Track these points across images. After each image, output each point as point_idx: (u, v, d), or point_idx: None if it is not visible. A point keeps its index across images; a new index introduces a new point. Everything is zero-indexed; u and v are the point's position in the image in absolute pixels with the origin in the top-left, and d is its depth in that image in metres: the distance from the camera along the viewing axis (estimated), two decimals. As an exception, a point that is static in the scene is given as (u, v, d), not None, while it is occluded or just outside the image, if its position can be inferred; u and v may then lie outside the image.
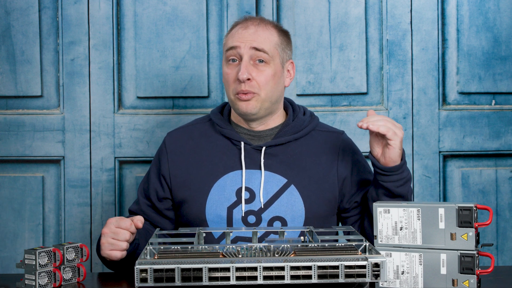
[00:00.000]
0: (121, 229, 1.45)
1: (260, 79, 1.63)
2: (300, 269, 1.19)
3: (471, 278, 1.24)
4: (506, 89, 2.24)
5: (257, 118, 1.68)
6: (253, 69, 1.63)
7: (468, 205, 1.24)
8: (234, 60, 1.65)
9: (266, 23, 1.69)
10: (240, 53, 1.64)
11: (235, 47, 1.64)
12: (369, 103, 2.24)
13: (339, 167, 1.69)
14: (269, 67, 1.64)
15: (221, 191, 1.65)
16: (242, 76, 1.60)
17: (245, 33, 1.65)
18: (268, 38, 1.66)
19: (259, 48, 1.63)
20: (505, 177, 2.24)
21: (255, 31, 1.65)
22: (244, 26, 1.67)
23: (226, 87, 1.67)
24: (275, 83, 1.66)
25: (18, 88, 2.23)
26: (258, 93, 1.63)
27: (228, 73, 1.66)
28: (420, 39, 2.23)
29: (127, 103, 2.24)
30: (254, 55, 1.63)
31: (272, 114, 1.70)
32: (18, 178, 2.23)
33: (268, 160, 1.67)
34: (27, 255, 1.29)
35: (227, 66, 1.67)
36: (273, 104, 1.68)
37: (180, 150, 1.72)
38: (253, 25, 1.67)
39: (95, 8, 2.22)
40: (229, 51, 1.66)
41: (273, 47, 1.65)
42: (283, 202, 1.64)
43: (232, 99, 1.66)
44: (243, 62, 1.62)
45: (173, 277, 1.18)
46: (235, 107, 1.66)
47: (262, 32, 1.66)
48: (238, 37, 1.65)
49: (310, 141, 1.71)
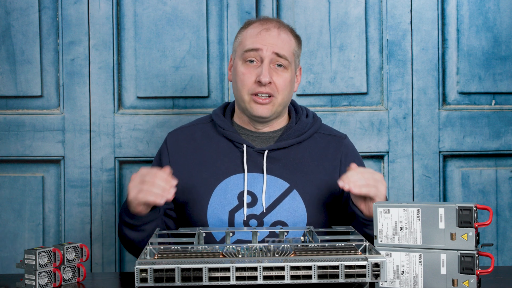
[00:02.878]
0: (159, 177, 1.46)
1: (280, 83, 1.63)
2: (300, 269, 1.19)
3: (471, 278, 1.24)
4: (506, 89, 2.24)
5: (266, 121, 1.67)
6: (273, 73, 1.63)
7: (468, 205, 1.24)
8: (253, 61, 1.64)
9: (285, 27, 1.69)
10: (261, 56, 1.63)
11: (257, 49, 1.63)
12: (369, 103, 2.24)
13: (342, 173, 1.68)
14: (287, 72, 1.65)
15: (223, 194, 1.64)
16: (264, 79, 1.60)
17: (267, 36, 1.64)
18: (288, 43, 1.66)
19: (280, 54, 1.63)
20: (505, 177, 2.24)
21: (278, 35, 1.65)
22: (266, 28, 1.65)
23: (240, 87, 1.65)
24: (290, 88, 1.67)
25: (18, 88, 2.23)
26: (276, 97, 1.63)
27: (245, 73, 1.64)
28: (420, 39, 2.23)
29: (127, 103, 2.24)
30: (275, 59, 1.63)
31: (278, 118, 1.71)
32: (18, 178, 2.23)
33: (271, 164, 1.66)
34: (27, 255, 1.29)
35: (244, 66, 1.65)
36: (284, 108, 1.69)
37: (182, 151, 1.71)
38: (275, 28, 1.66)
39: (95, 8, 2.22)
40: (249, 52, 1.64)
41: (292, 53, 1.66)
42: (285, 207, 1.64)
43: (245, 99, 1.65)
44: (264, 65, 1.62)
45: (173, 277, 1.18)
46: (248, 108, 1.65)
47: (284, 36, 1.65)
48: (260, 39, 1.64)
49: (312, 144, 1.71)
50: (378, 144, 2.23)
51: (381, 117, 2.23)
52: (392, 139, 2.23)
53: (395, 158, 2.22)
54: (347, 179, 1.48)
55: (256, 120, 1.67)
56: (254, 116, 1.65)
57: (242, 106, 1.67)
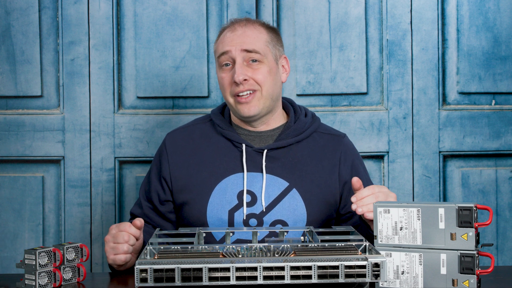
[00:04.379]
0: (120, 231, 1.45)
1: (258, 77, 1.63)
2: (300, 269, 1.19)
3: (471, 278, 1.24)
4: (506, 89, 2.24)
5: (258, 118, 1.67)
6: (248, 70, 1.63)
7: (468, 205, 1.24)
8: (228, 64, 1.66)
9: (253, 23, 1.69)
10: (232, 57, 1.64)
11: (226, 51, 1.65)
12: (369, 103, 2.24)
13: (341, 171, 1.69)
14: (263, 65, 1.65)
15: (222, 194, 1.64)
16: (238, 78, 1.61)
17: (233, 36, 1.65)
18: (257, 37, 1.66)
19: (249, 49, 1.64)
20: (505, 177, 2.24)
21: (243, 32, 1.66)
22: (231, 29, 1.67)
23: (223, 92, 1.67)
24: (273, 79, 1.66)
25: (18, 88, 2.23)
26: (258, 90, 1.63)
27: (223, 77, 1.66)
28: (420, 39, 2.23)
29: (127, 103, 2.24)
30: (247, 56, 1.64)
31: (272, 113, 1.70)
32: (18, 178, 2.23)
33: (270, 163, 1.66)
34: (27, 255, 1.29)
35: (221, 71, 1.67)
36: (274, 102, 1.68)
37: (181, 152, 1.71)
38: (240, 26, 1.67)
39: (95, 8, 2.22)
40: (221, 56, 1.66)
41: (264, 45, 1.66)
42: (285, 206, 1.64)
43: (231, 103, 1.66)
44: (236, 64, 1.63)
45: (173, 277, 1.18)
46: (236, 110, 1.66)
47: (250, 32, 1.66)
48: (227, 41, 1.65)
49: (311, 144, 1.71)
50: (378, 144, 2.23)
51: (381, 117, 2.23)
52: (392, 139, 2.23)
53: (395, 158, 2.22)
54: (360, 202, 1.43)
55: (248, 120, 1.68)
56: (244, 117, 1.66)
57: (232, 110, 1.69)
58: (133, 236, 1.46)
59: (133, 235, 1.46)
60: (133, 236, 1.46)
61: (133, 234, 1.46)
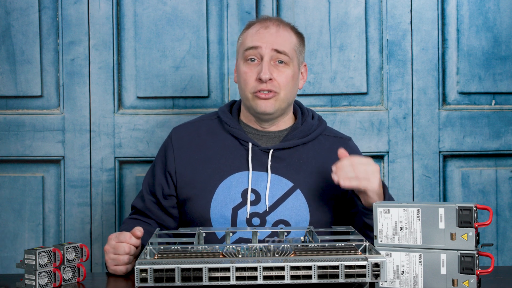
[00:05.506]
0: (120, 243, 1.45)
1: (281, 79, 1.64)
2: (300, 269, 1.19)
3: (471, 278, 1.24)
4: (506, 89, 2.23)
5: (271, 118, 1.68)
6: (273, 70, 1.64)
7: (468, 205, 1.24)
8: (253, 59, 1.65)
9: (285, 24, 1.70)
10: (261, 53, 1.64)
11: (256, 47, 1.64)
12: (369, 103, 2.24)
13: None
14: (289, 68, 1.66)
15: (226, 191, 1.65)
16: (264, 76, 1.61)
17: (266, 34, 1.65)
18: (288, 39, 1.67)
19: (280, 50, 1.64)
20: (505, 177, 2.24)
21: (277, 32, 1.66)
22: (264, 26, 1.67)
23: (243, 86, 1.67)
24: (293, 84, 1.68)
25: (18, 88, 2.23)
26: (278, 93, 1.64)
27: (246, 72, 1.65)
28: (420, 39, 2.23)
29: (127, 103, 2.24)
30: (275, 56, 1.64)
31: (284, 116, 1.71)
32: (18, 178, 2.23)
33: (275, 163, 1.67)
34: (27, 255, 1.29)
35: (245, 65, 1.66)
36: (288, 106, 1.69)
37: (187, 147, 1.71)
38: (274, 25, 1.67)
39: (95, 8, 2.22)
40: (249, 50, 1.65)
41: (292, 49, 1.67)
42: (288, 206, 1.64)
43: (249, 97, 1.66)
44: (264, 62, 1.63)
45: (173, 277, 1.18)
46: (252, 105, 1.66)
47: (283, 33, 1.67)
48: (259, 37, 1.65)
49: (317, 146, 1.72)
50: (378, 144, 2.23)
51: (381, 117, 2.23)
52: (392, 139, 2.23)
53: (395, 158, 2.22)
54: (337, 172, 1.50)
55: (262, 118, 1.68)
56: (259, 113, 1.66)
57: (247, 104, 1.68)
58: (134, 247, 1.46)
59: (133, 246, 1.46)
60: (134, 246, 1.46)
61: (133, 245, 1.45)
